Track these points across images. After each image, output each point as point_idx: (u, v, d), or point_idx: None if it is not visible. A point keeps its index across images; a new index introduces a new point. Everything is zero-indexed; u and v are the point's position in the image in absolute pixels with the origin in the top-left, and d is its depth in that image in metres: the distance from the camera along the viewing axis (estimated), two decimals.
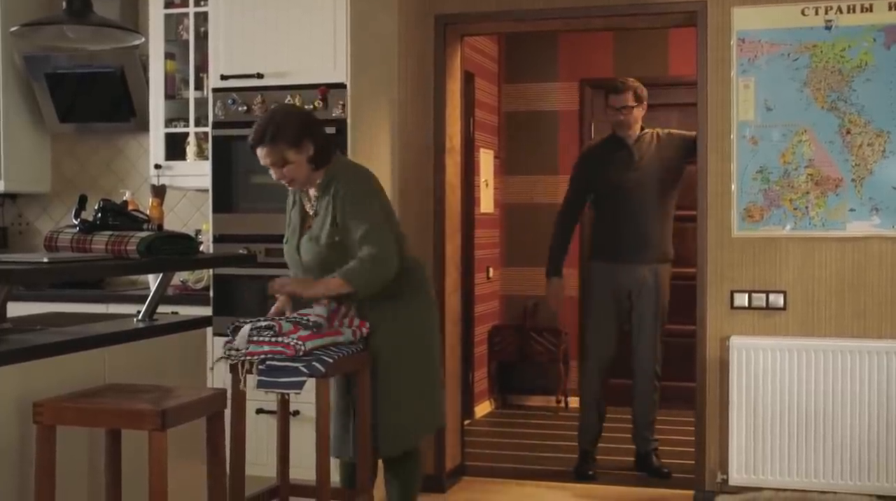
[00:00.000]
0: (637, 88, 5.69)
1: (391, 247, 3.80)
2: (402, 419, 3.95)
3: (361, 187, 3.87)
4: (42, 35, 3.86)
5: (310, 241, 3.88)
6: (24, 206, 6.12)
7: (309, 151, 3.81)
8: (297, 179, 3.86)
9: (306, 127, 3.83)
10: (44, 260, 3.03)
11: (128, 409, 2.77)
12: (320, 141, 3.86)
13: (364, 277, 3.73)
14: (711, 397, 5.03)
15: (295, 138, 3.78)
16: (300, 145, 3.79)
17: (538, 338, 7.52)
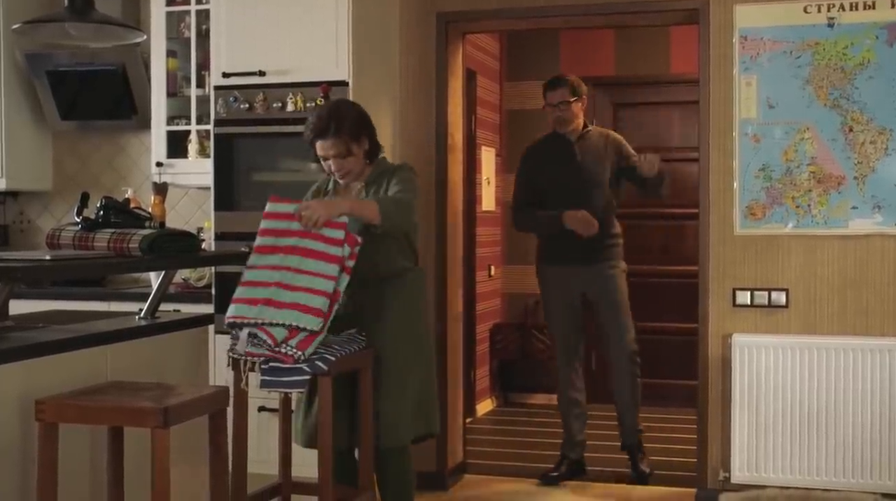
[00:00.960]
0: (574, 83, 5.52)
1: (412, 208, 3.86)
2: (402, 411, 3.94)
3: (413, 178, 3.99)
4: (44, 32, 3.86)
5: (353, 222, 3.83)
6: (26, 204, 6.11)
7: (365, 145, 3.95)
8: (353, 171, 3.97)
9: (365, 121, 3.97)
10: (46, 258, 3.03)
11: (130, 407, 2.77)
12: (373, 136, 4.00)
13: (394, 209, 3.76)
14: (713, 395, 5.02)
15: (356, 131, 3.91)
16: (360, 138, 3.93)
17: (539, 336, 7.51)
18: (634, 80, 7.67)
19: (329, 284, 3.60)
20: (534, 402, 7.71)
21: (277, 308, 3.54)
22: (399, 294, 3.95)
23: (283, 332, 3.51)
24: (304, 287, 3.58)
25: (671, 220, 7.61)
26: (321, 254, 3.64)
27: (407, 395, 3.95)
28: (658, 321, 7.58)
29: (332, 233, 3.65)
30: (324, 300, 3.57)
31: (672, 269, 7.57)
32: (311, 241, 3.65)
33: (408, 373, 3.96)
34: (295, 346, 3.51)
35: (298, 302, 3.55)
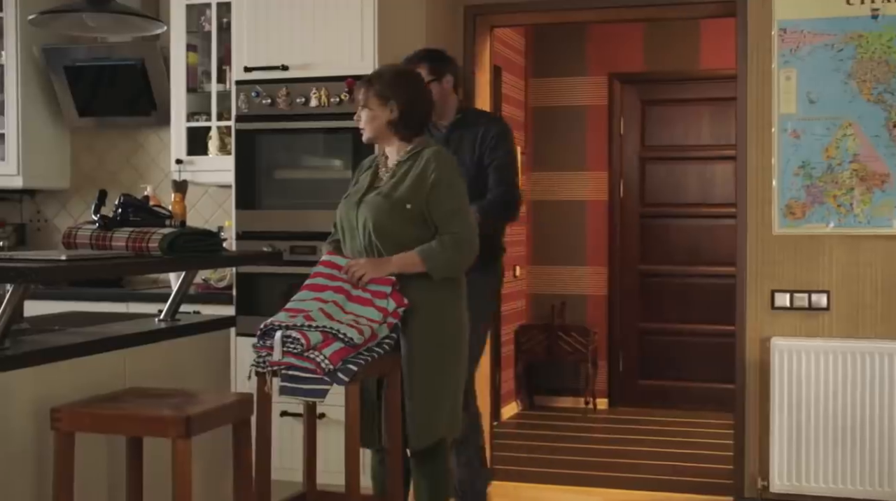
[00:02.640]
0: (436, 56, 4.40)
1: (475, 232, 3.74)
2: (434, 409, 3.79)
3: (456, 172, 3.79)
4: (61, 23, 3.73)
5: (378, 196, 3.72)
6: (43, 203, 5.99)
7: (390, 114, 3.73)
8: (367, 131, 3.79)
9: (402, 91, 3.74)
10: (62, 258, 2.89)
11: (150, 416, 2.63)
12: (410, 114, 3.75)
13: (443, 258, 3.64)
14: (751, 400, 4.85)
15: (384, 93, 3.72)
16: (386, 102, 3.72)
17: (566, 338, 7.35)
18: (663, 76, 7.51)
19: (374, 325, 3.52)
20: (560, 405, 7.56)
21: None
22: (434, 293, 3.78)
23: (317, 337, 3.36)
24: (346, 321, 3.49)
25: (700, 219, 7.44)
26: (365, 301, 3.57)
27: (440, 394, 3.79)
28: (687, 322, 7.42)
29: (378, 287, 3.59)
30: (367, 329, 3.48)
31: (702, 270, 7.40)
32: (358, 290, 3.60)
33: (441, 372, 3.80)
34: (328, 356, 3.35)
35: (342, 321, 3.46)
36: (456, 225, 3.68)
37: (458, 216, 3.70)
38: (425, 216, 3.70)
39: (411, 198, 3.67)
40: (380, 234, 3.68)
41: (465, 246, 3.70)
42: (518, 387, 7.51)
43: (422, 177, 3.69)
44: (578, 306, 7.60)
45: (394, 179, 3.75)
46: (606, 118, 7.57)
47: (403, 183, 3.71)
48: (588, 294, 7.62)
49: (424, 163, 3.71)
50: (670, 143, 7.55)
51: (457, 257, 3.68)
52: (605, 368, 7.55)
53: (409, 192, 3.68)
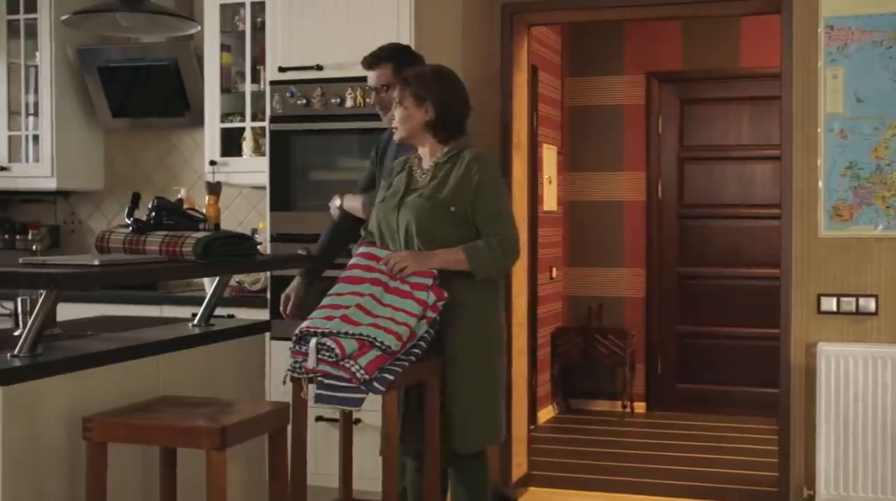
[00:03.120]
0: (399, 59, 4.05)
1: (517, 236, 3.69)
2: (478, 414, 3.70)
3: (499, 175, 3.74)
4: (94, 23, 3.67)
5: (420, 198, 3.65)
6: (77, 204, 5.96)
7: (425, 116, 3.66)
8: (400, 130, 3.71)
9: (439, 92, 3.67)
10: (94, 264, 2.83)
11: (183, 427, 2.55)
12: (447, 116, 3.68)
13: (488, 258, 3.57)
14: (796, 406, 4.73)
15: (420, 93, 3.66)
16: (422, 103, 3.66)
17: (603, 340, 7.25)
18: (702, 75, 7.38)
19: (411, 320, 3.41)
20: (597, 409, 7.45)
21: (355, 325, 3.33)
22: (475, 293, 3.69)
23: (353, 345, 3.27)
24: (385, 316, 3.40)
25: (740, 221, 7.31)
26: (404, 293, 3.48)
27: (485, 398, 3.71)
28: (727, 325, 7.30)
29: (419, 279, 3.51)
30: (405, 329, 3.38)
31: (743, 272, 7.27)
32: (396, 282, 3.51)
33: (485, 375, 3.71)
34: (364, 366, 3.27)
35: (378, 324, 3.35)
36: (500, 227, 3.61)
37: (501, 218, 3.63)
38: (468, 218, 3.63)
39: (455, 200, 3.60)
40: (422, 237, 3.61)
41: (510, 248, 3.63)
42: (554, 391, 7.41)
43: (465, 178, 3.62)
44: (616, 308, 7.49)
45: (434, 181, 3.67)
46: (644, 118, 7.46)
47: (446, 185, 3.63)
48: (625, 296, 7.51)
49: (467, 165, 3.64)
50: (709, 143, 7.42)
51: (501, 259, 3.61)
52: (642, 371, 7.43)
53: (453, 195, 3.60)
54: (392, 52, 4.10)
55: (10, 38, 5.63)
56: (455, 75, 3.83)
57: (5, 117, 5.63)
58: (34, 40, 5.57)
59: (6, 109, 5.64)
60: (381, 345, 3.28)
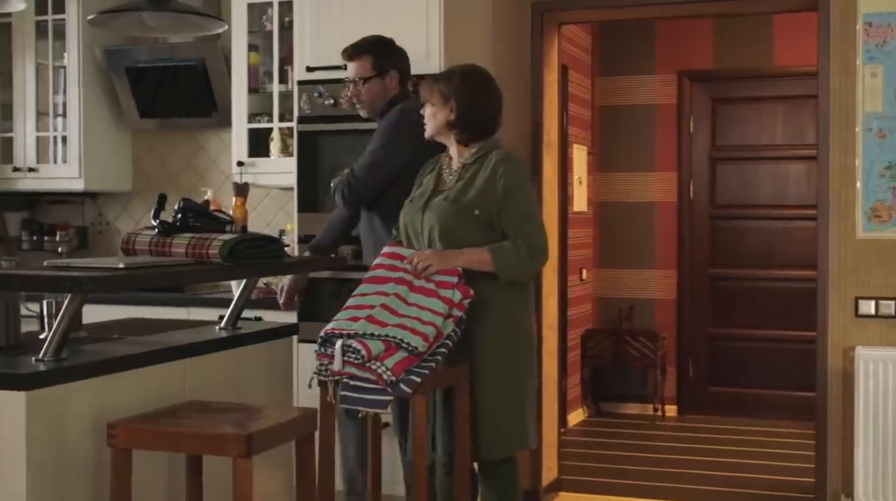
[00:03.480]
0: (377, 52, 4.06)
1: (546, 241, 3.64)
2: (508, 419, 3.63)
3: (526, 176, 3.69)
4: (121, 23, 3.63)
5: (445, 201, 3.61)
6: (105, 205, 5.94)
7: (449, 114, 3.63)
8: (428, 127, 3.71)
9: (463, 93, 3.63)
10: (120, 267, 2.78)
11: (210, 433, 2.50)
12: (468, 117, 3.64)
13: (514, 260, 3.52)
14: (833, 411, 4.63)
15: (445, 92, 3.64)
16: (446, 102, 3.63)
17: (634, 343, 7.16)
18: (734, 74, 7.28)
19: (437, 319, 3.37)
20: (627, 412, 7.37)
21: (381, 326, 3.29)
22: (503, 294, 3.62)
23: (379, 347, 3.23)
24: (411, 315, 3.36)
25: (774, 222, 7.21)
26: (429, 292, 3.43)
27: (514, 403, 3.64)
28: (760, 328, 7.20)
29: (444, 277, 3.46)
30: (431, 329, 3.33)
31: (776, 273, 7.17)
32: (421, 280, 3.47)
33: (514, 378, 3.64)
34: (390, 367, 3.22)
35: (405, 324, 3.30)
36: (528, 229, 3.56)
37: (530, 221, 3.58)
38: (493, 222, 3.57)
39: (480, 203, 3.55)
40: (446, 240, 3.55)
41: (538, 252, 3.58)
42: (584, 393, 7.33)
43: (490, 181, 3.56)
44: (646, 310, 7.40)
45: (460, 183, 3.61)
46: (676, 117, 7.37)
47: (471, 188, 3.58)
48: (656, 298, 7.42)
49: (493, 167, 3.58)
50: (742, 143, 7.32)
51: (528, 262, 3.56)
52: (673, 374, 7.34)
53: (478, 198, 3.55)
54: (371, 44, 4.09)
55: (39, 39, 5.62)
56: (486, 76, 3.77)
57: (34, 118, 5.62)
58: (62, 41, 5.55)
59: (34, 110, 5.62)
60: (408, 347, 3.25)
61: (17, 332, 3.08)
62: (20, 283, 2.69)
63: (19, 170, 5.62)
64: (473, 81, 3.70)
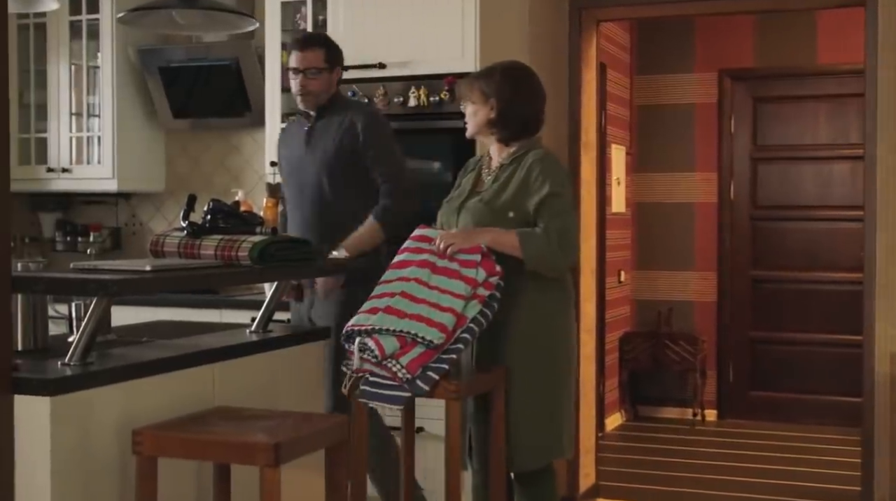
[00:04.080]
0: (330, 46, 4.06)
1: (576, 235, 3.55)
2: (544, 428, 3.53)
3: (564, 177, 3.56)
4: (150, 21, 3.57)
5: (480, 202, 3.54)
6: (138, 206, 5.90)
7: (490, 113, 3.55)
8: (469, 126, 3.62)
9: (504, 91, 3.54)
10: (146, 269, 2.72)
11: (236, 442, 2.43)
12: (508, 115, 3.54)
13: (544, 248, 3.40)
14: (881, 417, 4.50)
15: (486, 90, 3.55)
16: (487, 100, 3.55)
17: (673, 346, 7.04)
18: (776, 72, 7.14)
19: (457, 303, 3.28)
20: (666, 416, 7.25)
21: (399, 317, 3.25)
22: (545, 292, 3.53)
23: (393, 344, 3.20)
24: (429, 301, 3.29)
25: (818, 223, 7.06)
26: (452, 272, 3.35)
27: (551, 410, 3.54)
28: (803, 331, 7.05)
29: (467, 256, 3.38)
30: (450, 317, 3.25)
31: (820, 276, 7.02)
32: (445, 261, 3.39)
33: (552, 385, 3.54)
34: (405, 365, 3.19)
35: (421, 314, 3.24)
36: (560, 223, 3.43)
37: (563, 216, 3.45)
38: (528, 222, 3.47)
39: (514, 205, 3.47)
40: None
41: (568, 245, 3.46)
42: (622, 397, 7.22)
43: (525, 183, 3.48)
44: (686, 313, 7.27)
45: (496, 184, 3.53)
46: (716, 117, 7.24)
47: (506, 189, 3.50)
48: (696, 300, 7.29)
49: (528, 168, 3.49)
50: (784, 143, 7.18)
51: (558, 253, 3.41)
52: (713, 378, 7.21)
53: (512, 200, 3.47)
54: (325, 38, 4.11)
55: (73, 39, 5.58)
56: (528, 73, 3.67)
57: (68, 118, 5.59)
58: (96, 41, 5.52)
59: (69, 111, 5.59)
60: (423, 340, 3.19)
61: (44, 335, 3.03)
62: (45, 286, 2.64)
63: (53, 171, 5.59)
64: (514, 78, 3.61)
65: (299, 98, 4.06)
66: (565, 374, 3.59)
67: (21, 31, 5.68)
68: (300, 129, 4.14)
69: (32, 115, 5.69)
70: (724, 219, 7.24)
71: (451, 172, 4.39)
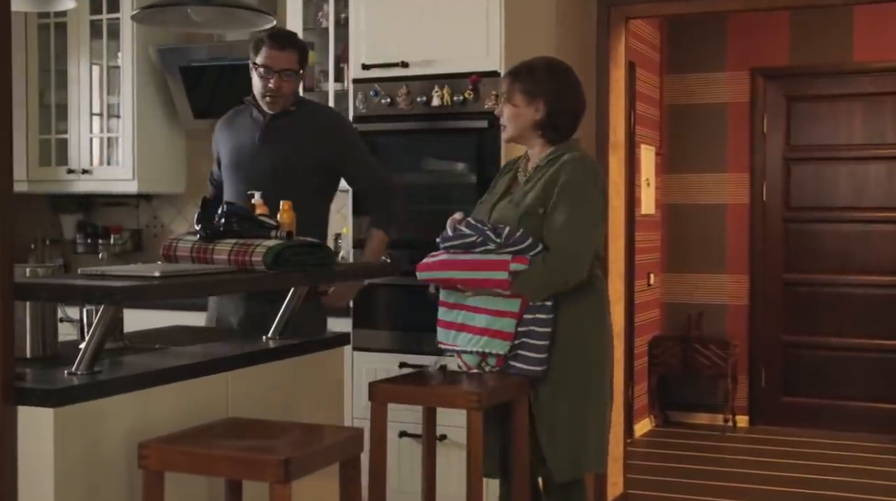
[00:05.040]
0: (303, 48, 3.91)
1: (585, 249, 3.37)
2: (579, 439, 3.42)
3: (587, 177, 3.41)
4: (166, 19, 3.48)
5: (509, 204, 3.44)
6: (160, 208, 5.83)
7: (535, 114, 3.43)
8: (509, 129, 3.50)
9: (553, 89, 3.42)
10: (155, 275, 2.62)
11: (245, 457, 2.33)
12: (560, 115, 3.44)
13: (541, 283, 3.33)
14: None
15: (531, 90, 3.42)
16: (532, 100, 3.42)
17: (704, 351, 6.90)
18: (811, 71, 6.99)
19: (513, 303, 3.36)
20: (696, 422, 7.11)
21: (470, 333, 3.41)
22: (579, 301, 3.41)
23: (474, 358, 3.43)
24: (487, 308, 3.40)
25: (853, 225, 6.90)
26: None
27: (586, 421, 3.42)
28: (838, 335, 6.90)
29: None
30: (509, 321, 3.35)
31: (855, 279, 6.87)
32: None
33: (587, 396, 3.42)
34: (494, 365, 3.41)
35: (488, 328, 3.38)
36: (564, 237, 3.32)
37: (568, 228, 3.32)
38: None
39: (543, 202, 3.35)
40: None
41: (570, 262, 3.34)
42: (651, 402, 7.08)
43: (552, 180, 3.37)
44: (717, 316, 7.13)
45: (529, 185, 3.42)
46: (748, 116, 7.10)
47: (535, 189, 3.39)
48: (727, 303, 7.15)
49: (560, 167, 3.37)
50: (818, 143, 7.03)
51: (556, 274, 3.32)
52: (745, 383, 7.07)
53: (539, 198, 3.36)
54: (300, 40, 3.95)
55: (94, 39, 5.52)
56: (568, 68, 3.54)
57: (88, 119, 5.52)
58: (117, 41, 5.44)
59: (89, 111, 5.53)
60: (493, 354, 3.40)
61: (53, 342, 2.94)
62: (48, 293, 2.54)
63: (73, 172, 5.53)
64: (558, 74, 3.48)
65: (268, 99, 3.85)
66: (598, 390, 3.46)
67: (42, 31, 5.62)
68: (252, 120, 3.94)
69: (53, 116, 5.63)
70: (756, 221, 7.09)
71: (476, 173, 4.28)
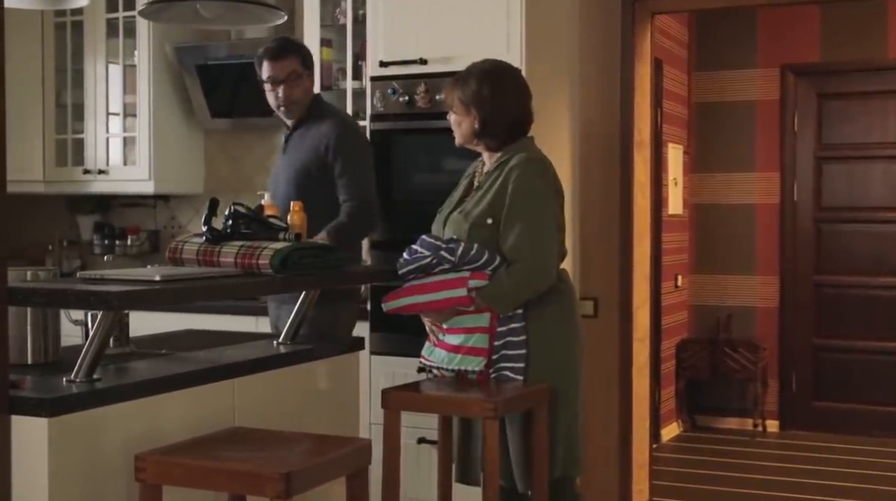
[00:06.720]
0: (305, 52, 3.99)
1: (549, 257, 3.30)
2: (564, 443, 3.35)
3: (535, 181, 3.32)
4: (173, 14, 3.38)
5: (460, 215, 3.36)
6: (177, 208, 5.75)
7: (474, 123, 3.36)
8: (456, 136, 3.43)
9: (484, 99, 3.32)
10: (155, 279, 2.52)
11: (244, 470, 2.22)
12: (493, 124, 3.34)
13: (509, 296, 3.25)
14: None
15: (464, 99, 3.35)
16: (468, 110, 3.35)
17: (733, 354, 6.75)
18: (843, 67, 6.82)
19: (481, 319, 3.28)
20: (725, 426, 6.96)
21: (445, 350, 3.33)
22: (543, 307, 3.30)
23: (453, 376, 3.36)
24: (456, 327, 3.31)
25: (887, 225, 6.74)
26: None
27: (551, 429, 3.32)
28: (870, 339, 6.73)
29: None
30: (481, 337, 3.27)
31: (889, 281, 6.71)
32: None
33: (552, 403, 3.32)
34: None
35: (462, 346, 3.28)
36: (524, 251, 3.24)
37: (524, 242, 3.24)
38: None
39: (491, 212, 3.28)
40: None
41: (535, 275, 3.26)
42: (679, 407, 6.94)
43: (502, 187, 3.29)
44: (746, 319, 6.98)
45: (479, 192, 3.36)
46: (778, 114, 6.94)
47: (485, 198, 3.31)
48: (757, 306, 7.00)
49: (506, 174, 3.30)
50: (850, 141, 6.87)
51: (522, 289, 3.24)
52: (775, 387, 6.92)
53: (489, 208, 3.28)
54: (298, 44, 4.02)
55: (110, 37, 5.44)
56: (504, 71, 3.43)
57: (104, 118, 5.45)
58: (133, 39, 5.36)
59: (105, 110, 5.45)
60: (472, 371, 3.29)
61: (55, 348, 2.86)
62: (44, 299, 2.44)
63: (90, 173, 5.46)
64: (492, 81, 3.37)
65: (282, 110, 3.93)
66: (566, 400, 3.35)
67: (58, 30, 5.56)
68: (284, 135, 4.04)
69: (70, 115, 5.56)
70: (786, 221, 6.94)
71: None
